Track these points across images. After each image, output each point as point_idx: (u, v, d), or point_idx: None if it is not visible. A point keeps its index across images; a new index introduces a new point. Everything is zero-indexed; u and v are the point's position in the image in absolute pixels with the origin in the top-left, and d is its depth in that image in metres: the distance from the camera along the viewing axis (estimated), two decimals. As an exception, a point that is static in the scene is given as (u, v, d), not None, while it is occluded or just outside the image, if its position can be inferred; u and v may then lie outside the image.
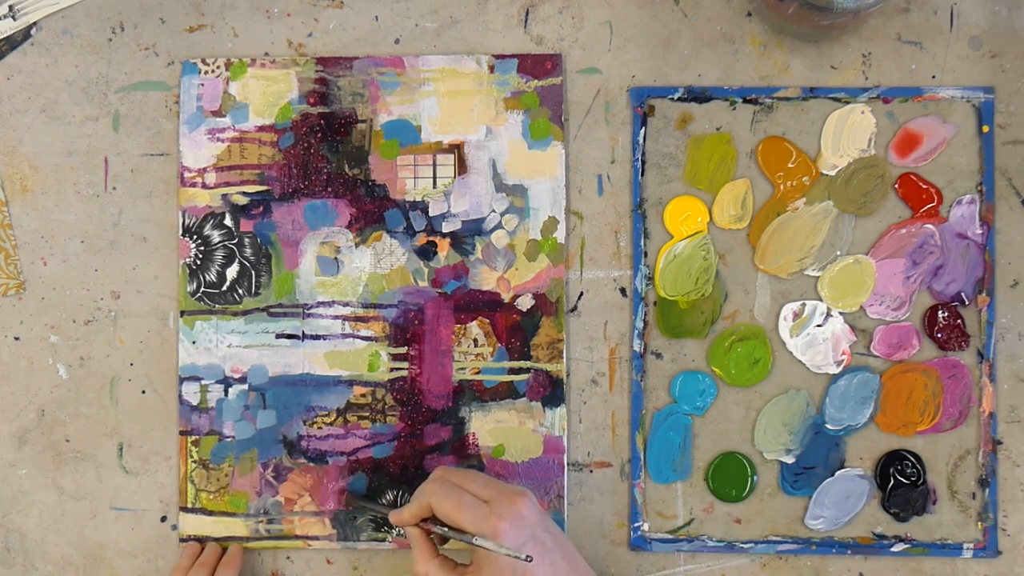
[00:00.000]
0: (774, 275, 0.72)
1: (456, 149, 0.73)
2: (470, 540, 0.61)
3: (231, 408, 0.73)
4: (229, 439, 0.73)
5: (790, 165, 0.72)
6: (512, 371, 0.72)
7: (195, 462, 0.73)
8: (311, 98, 0.73)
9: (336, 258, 0.73)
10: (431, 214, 0.73)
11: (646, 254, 0.72)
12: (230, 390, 0.73)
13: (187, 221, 0.73)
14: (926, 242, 0.72)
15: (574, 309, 0.73)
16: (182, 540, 0.73)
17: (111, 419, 0.73)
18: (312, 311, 0.73)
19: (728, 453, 0.72)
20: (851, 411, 0.72)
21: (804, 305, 0.72)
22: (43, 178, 0.74)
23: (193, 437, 0.73)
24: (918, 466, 0.71)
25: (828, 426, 0.72)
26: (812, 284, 0.72)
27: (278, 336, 0.73)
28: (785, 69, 0.73)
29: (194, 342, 0.73)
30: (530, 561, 0.60)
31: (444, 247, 0.73)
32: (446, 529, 0.63)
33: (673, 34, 0.73)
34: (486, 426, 0.72)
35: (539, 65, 0.73)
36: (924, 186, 0.72)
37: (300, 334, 0.73)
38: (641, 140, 0.72)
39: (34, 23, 0.74)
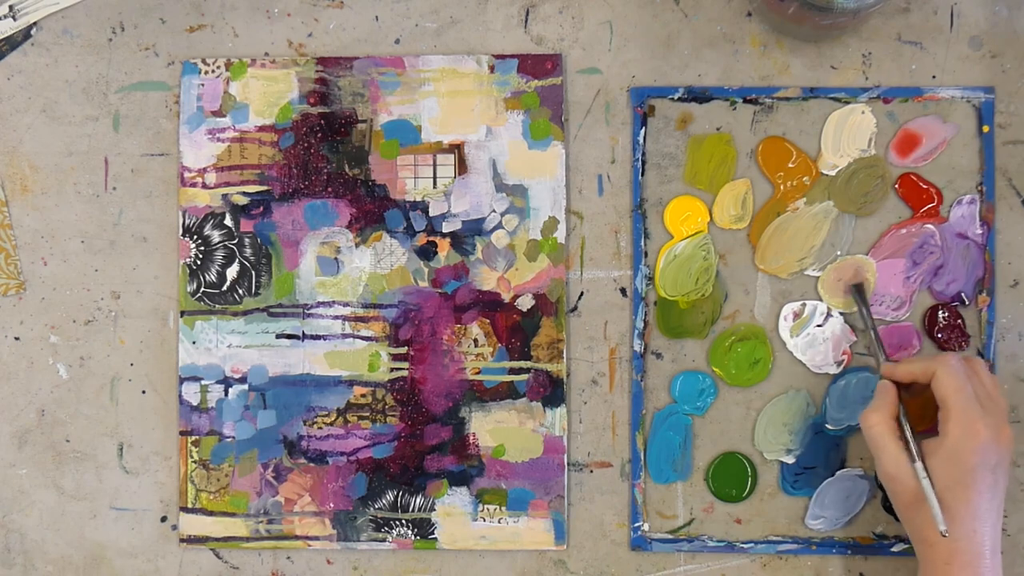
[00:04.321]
0: (774, 275, 0.72)
1: (456, 149, 0.73)
2: (918, 466, 0.63)
3: (231, 408, 0.73)
4: (229, 439, 0.73)
5: (790, 165, 0.72)
6: (512, 371, 0.72)
7: (195, 462, 0.73)
8: (311, 98, 0.73)
9: (336, 258, 0.73)
10: (431, 214, 0.73)
11: (646, 254, 0.72)
12: (230, 390, 0.73)
13: (187, 221, 0.73)
14: (926, 242, 0.72)
15: (574, 309, 0.73)
16: (182, 540, 0.73)
17: (111, 419, 0.73)
18: (312, 311, 0.73)
19: (728, 453, 0.72)
20: (851, 411, 0.72)
21: (804, 305, 0.72)
22: (43, 178, 0.74)
23: (193, 437, 0.73)
24: (918, 466, 0.71)
25: (828, 426, 0.72)
26: (812, 284, 0.72)
27: (278, 336, 0.73)
28: (785, 69, 0.73)
29: (194, 342, 0.73)
30: (944, 535, 0.61)
31: (444, 247, 0.73)
32: (909, 432, 0.64)
33: (673, 34, 0.73)
34: (486, 426, 0.72)
35: (539, 65, 0.73)
36: (924, 186, 0.72)
37: (300, 334, 0.73)
38: (641, 140, 0.72)
39: (34, 23, 0.74)
